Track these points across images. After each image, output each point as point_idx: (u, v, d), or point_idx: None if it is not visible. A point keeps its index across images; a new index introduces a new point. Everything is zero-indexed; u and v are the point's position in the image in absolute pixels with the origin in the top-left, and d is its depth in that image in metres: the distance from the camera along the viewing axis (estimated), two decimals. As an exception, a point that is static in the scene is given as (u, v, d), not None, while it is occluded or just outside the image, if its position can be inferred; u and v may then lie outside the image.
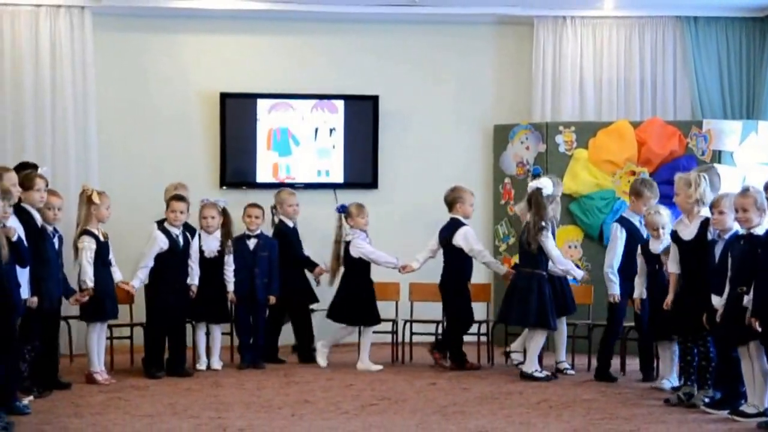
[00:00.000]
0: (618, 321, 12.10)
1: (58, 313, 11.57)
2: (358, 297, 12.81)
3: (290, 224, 13.18)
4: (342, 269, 12.92)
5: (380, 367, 12.78)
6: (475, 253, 12.66)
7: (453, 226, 12.74)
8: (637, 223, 11.98)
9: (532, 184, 12.22)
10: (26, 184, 10.57)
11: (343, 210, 12.85)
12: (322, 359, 12.86)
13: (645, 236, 11.67)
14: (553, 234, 12.28)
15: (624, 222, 12.03)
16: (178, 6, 14.05)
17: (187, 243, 12.40)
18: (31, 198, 10.67)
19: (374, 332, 13.14)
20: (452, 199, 12.80)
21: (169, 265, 12.22)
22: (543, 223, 12.03)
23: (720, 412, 10.01)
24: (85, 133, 14.05)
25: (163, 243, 12.13)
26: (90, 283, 11.59)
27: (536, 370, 12.11)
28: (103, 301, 11.78)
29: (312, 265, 13.25)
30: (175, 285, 12.26)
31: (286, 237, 13.15)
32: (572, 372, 12.43)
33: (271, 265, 13.02)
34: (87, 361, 11.95)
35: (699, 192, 10.48)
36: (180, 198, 12.35)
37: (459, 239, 12.65)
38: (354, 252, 12.72)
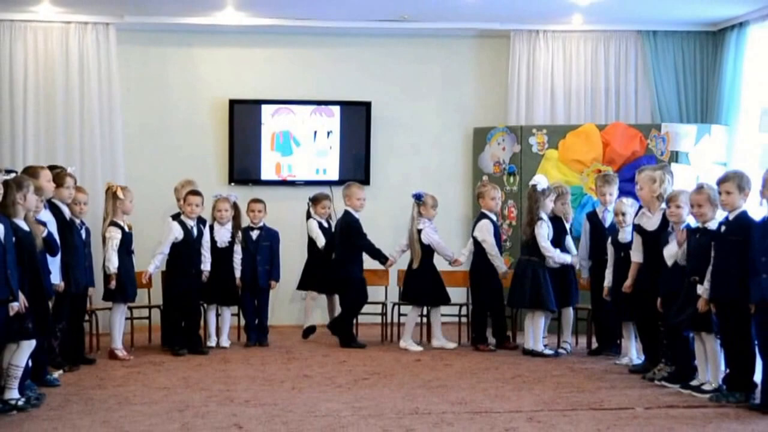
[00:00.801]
0: None
1: (85, 296, 11.58)
2: (428, 279, 12.67)
3: (356, 216, 12.98)
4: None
5: (454, 344, 12.72)
6: (486, 245, 12.53)
7: (478, 218, 12.73)
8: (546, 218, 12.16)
9: (530, 183, 12.36)
10: (57, 182, 10.62)
11: (419, 198, 12.74)
12: (414, 347, 12.63)
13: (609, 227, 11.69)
14: (563, 226, 12.37)
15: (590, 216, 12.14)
16: (192, 22, 13.99)
17: (200, 233, 12.36)
18: (61, 194, 10.80)
19: (366, 313, 13.15)
20: (478, 194, 12.80)
21: (184, 253, 12.17)
22: (538, 216, 12.05)
23: (673, 385, 10.00)
24: (110, 135, 14.03)
25: (178, 233, 12.09)
26: (113, 269, 11.63)
27: (543, 348, 12.10)
28: (125, 285, 11.81)
29: (380, 256, 12.95)
30: (189, 271, 12.21)
31: (352, 227, 12.93)
32: (567, 350, 12.37)
33: (272, 254, 12.98)
34: (110, 338, 11.97)
35: (663, 187, 10.46)
36: (196, 193, 12.34)
37: (477, 230, 12.61)
38: (425, 239, 12.59)
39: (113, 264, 11.65)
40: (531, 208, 12.18)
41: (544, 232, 12.05)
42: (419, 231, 12.61)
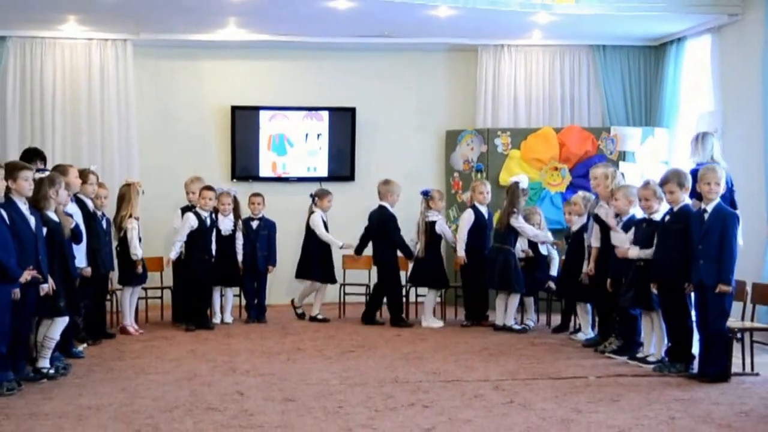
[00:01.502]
0: None
1: (107, 279, 11.60)
2: (435, 265, 12.59)
3: (392, 210, 12.81)
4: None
5: (441, 323, 12.61)
6: (458, 233, 12.58)
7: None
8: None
9: (512, 179, 12.40)
10: (82, 179, 10.72)
11: (426, 194, 12.65)
12: (436, 323, 12.59)
13: None
14: None
15: None
16: (198, 39, 13.93)
17: (212, 223, 12.34)
18: (85, 189, 10.89)
19: (351, 293, 13.12)
20: (472, 188, 12.75)
21: (198, 240, 12.12)
22: (514, 209, 12.02)
23: (621, 357, 10.02)
24: (127, 137, 14.01)
25: (194, 223, 12.06)
26: (140, 254, 11.73)
27: (513, 324, 12.07)
28: (135, 270, 11.82)
29: (407, 250, 12.70)
30: (203, 257, 12.16)
31: (389, 222, 12.74)
32: (530, 326, 12.27)
33: (270, 242, 12.98)
34: (121, 316, 12.03)
35: (615, 183, 10.47)
36: (210, 188, 12.33)
37: (459, 219, 12.72)
38: (438, 229, 12.51)
39: (139, 251, 11.71)
40: (510, 201, 12.14)
41: (523, 223, 12.05)
42: (431, 223, 12.54)
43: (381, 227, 12.70)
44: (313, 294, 13.08)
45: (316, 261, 12.88)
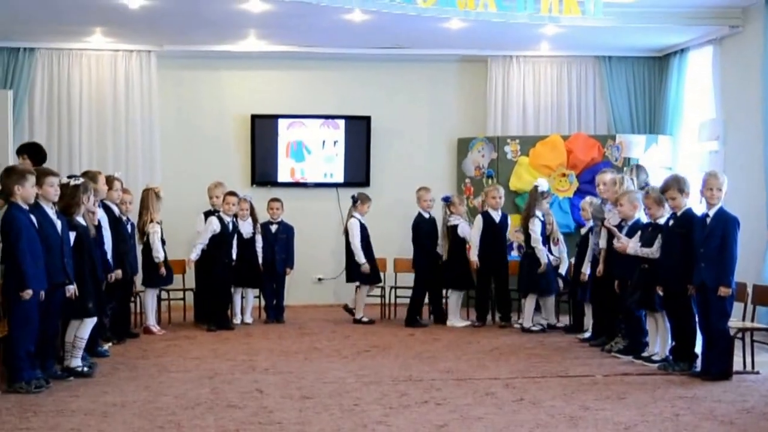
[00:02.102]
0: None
1: (132, 281, 11.61)
2: (460, 267, 12.51)
3: (426, 216, 12.81)
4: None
5: (465, 323, 12.54)
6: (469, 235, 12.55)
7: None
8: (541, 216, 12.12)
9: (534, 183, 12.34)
10: (107, 185, 10.75)
11: (447, 200, 12.66)
12: (460, 322, 12.53)
13: None
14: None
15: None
16: (219, 50, 13.93)
17: (234, 227, 12.34)
18: (111, 195, 10.92)
19: (366, 295, 13.07)
20: (485, 193, 12.72)
21: (219, 244, 12.09)
22: (531, 213, 12.01)
23: (627, 356, 9.97)
24: (150, 145, 14.03)
25: (216, 227, 12.05)
26: (161, 257, 11.75)
27: (532, 326, 12.01)
28: (157, 272, 11.83)
29: (437, 255, 12.73)
30: (223, 260, 12.14)
31: (419, 227, 12.76)
32: (543, 326, 12.16)
33: (288, 245, 12.97)
34: (144, 317, 12.03)
35: (622, 188, 10.40)
36: (233, 194, 12.32)
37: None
38: (461, 232, 12.47)
39: (161, 254, 11.73)
40: (529, 205, 12.15)
41: (537, 228, 11.97)
42: (453, 227, 12.51)
43: (413, 232, 12.80)
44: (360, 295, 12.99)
45: (357, 263, 12.80)
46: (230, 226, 12.20)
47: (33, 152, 11.15)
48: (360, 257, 12.66)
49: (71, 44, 13.67)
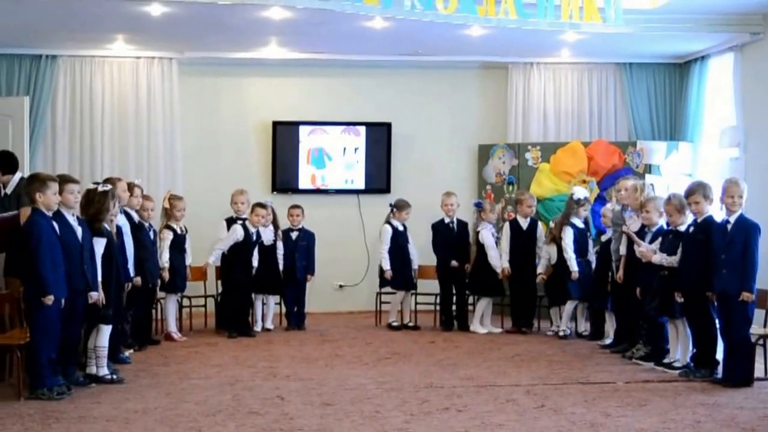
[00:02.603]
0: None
1: (154, 287, 11.60)
2: (487, 273, 12.49)
3: (446, 220, 12.83)
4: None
5: (485, 330, 12.50)
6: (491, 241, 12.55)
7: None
8: (579, 224, 12.06)
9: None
10: (128, 191, 10.74)
11: (478, 206, 12.68)
12: (483, 329, 12.50)
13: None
14: None
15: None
16: (241, 57, 13.94)
17: (258, 237, 12.35)
18: (131, 202, 10.92)
19: (387, 302, 13.08)
20: (516, 200, 12.73)
21: (241, 252, 12.11)
22: (565, 221, 12.00)
23: (648, 363, 9.94)
24: (172, 152, 14.04)
25: (240, 235, 12.07)
26: (166, 264, 11.70)
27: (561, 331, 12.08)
28: (176, 278, 11.88)
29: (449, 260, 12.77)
30: (243, 267, 12.15)
31: (435, 231, 12.82)
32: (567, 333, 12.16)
33: (308, 252, 12.93)
34: (165, 323, 12.02)
35: (644, 195, 10.35)
36: (263, 206, 12.36)
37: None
38: (481, 239, 12.48)
39: (165, 260, 11.70)
40: (563, 213, 12.17)
41: (567, 236, 11.92)
42: (478, 232, 12.54)
43: (435, 237, 12.87)
44: (400, 302, 12.97)
45: (391, 270, 12.80)
46: (254, 237, 12.23)
47: (3, 161, 11.12)
48: (384, 263, 12.70)
49: (93, 51, 13.71)
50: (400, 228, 12.84)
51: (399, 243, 12.81)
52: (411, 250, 12.89)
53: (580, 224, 12.01)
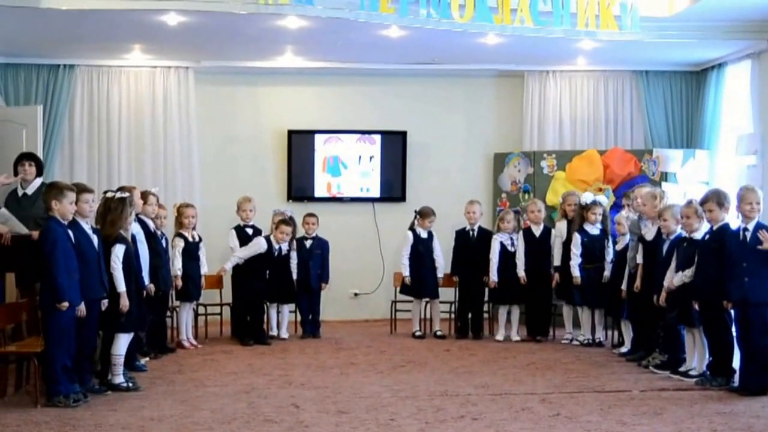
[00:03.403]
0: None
1: (168, 295, 11.65)
2: (503, 281, 12.47)
3: (466, 228, 12.84)
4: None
5: (518, 337, 12.51)
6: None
7: None
8: (592, 230, 12.03)
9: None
10: (143, 199, 10.83)
11: (516, 213, 12.84)
12: (500, 335, 12.52)
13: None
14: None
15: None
16: (257, 66, 13.99)
17: (281, 253, 12.41)
18: (146, 210, 10.95)
19: (402, 310, 13.11)
20: (520, 209, 12.77)
21: (262, 263, 12.19)
22: (574, 227, 12.02)
23: (664, 372, 9.91)
24: (189, 160, 14.09)
25: (262, 249, 12.14)
26: (178, 272, 11.76)
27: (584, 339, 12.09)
28: (189, 287, 11.92)
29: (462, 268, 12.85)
30: (259, 276, 12.21)
31: (457, 239, 12.86)
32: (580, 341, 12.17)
33: (323, 260, 12.91)
34: (177, 331, 12.06)
35: (663, 203, 10.33)
36: (288, 223, 12.41)
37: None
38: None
39: (178, 268, 11.76)
40: (575, 221, 12.17)
41: (574, 243, 11.96)
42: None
43: (457, 244, 12.92)
44: (419, 310, 12.98)
45: (410, 277, 12.85)
46: (276, 252, 12.32)
47: (37, 160, 11.19)
48: (403, 270, 12.77)
49: (110, 61, 13.78)
50: (423, 235, 12.83)
51: (419, 250, 12.81)
52: (437, 258, 12.87)
53: (593, 230, 11.97)
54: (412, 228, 12.89)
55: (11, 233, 9.84)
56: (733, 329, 9.16)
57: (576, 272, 11.89)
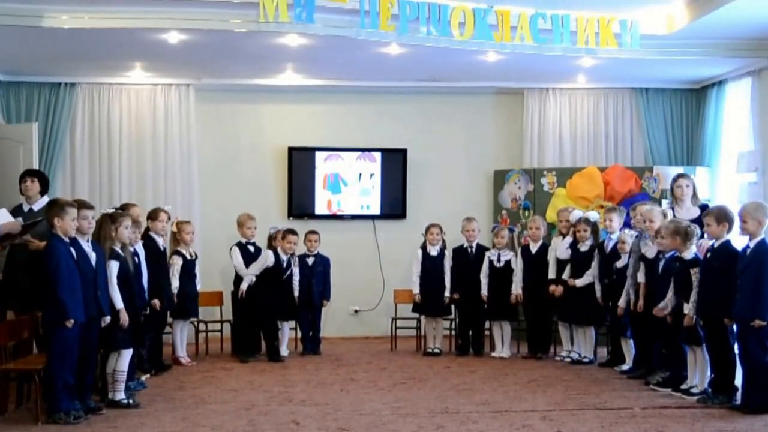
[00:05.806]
0: None
1: (167, 312, 11.64)
2: (498, 298, 12.49)
3: (464, 246, 12.84)
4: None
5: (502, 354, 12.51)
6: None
7: None
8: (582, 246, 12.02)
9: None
10: (152, 217, 11.09)
11: (511, 231, 12.95)
12: (498, 353, 12.48)
13: None
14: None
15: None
16: (257, 83, 14.01)
17: (289, 265, 12.42)
18: (155, 227, 11.16)
19: (402, 327, 13.10)
20: (519, 226, 12.73)
21: (273, 280, 12.22)
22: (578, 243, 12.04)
23: (665, 389, 9.88)
24: (189, 177, 14.07)
25: (270, 261, 12.17)
26: (174, 290, 11.72)
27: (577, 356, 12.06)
28: (185, 304, 11.89)
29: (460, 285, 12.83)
30: (273, 292, 12.23)
31: (453, 256, 12.81)
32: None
33: (324, 277, 12.91)
34: (172, 348, 12.03)
35: (664, 221, 10.32)
36: (295, 232, 12.48)
37: None
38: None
39: (175, 286, 11.73)
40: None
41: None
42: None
43: (456, 261, 12.89)
44: (426, 327, 12.99)
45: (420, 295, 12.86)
46: (284, 264, 12.33)
47: (43, 177, 11.16)
48: (413, 287, 12.80)
49: (111, 79, 13.79)
50: (432, 253, 12.83)
51: (427, 267, 12.83)
52: (446, 276, 12.81)
53: (582, 247, 11.93)
54: (423, 246, 12.90)
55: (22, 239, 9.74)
56: (736, 347, 9.15)
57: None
